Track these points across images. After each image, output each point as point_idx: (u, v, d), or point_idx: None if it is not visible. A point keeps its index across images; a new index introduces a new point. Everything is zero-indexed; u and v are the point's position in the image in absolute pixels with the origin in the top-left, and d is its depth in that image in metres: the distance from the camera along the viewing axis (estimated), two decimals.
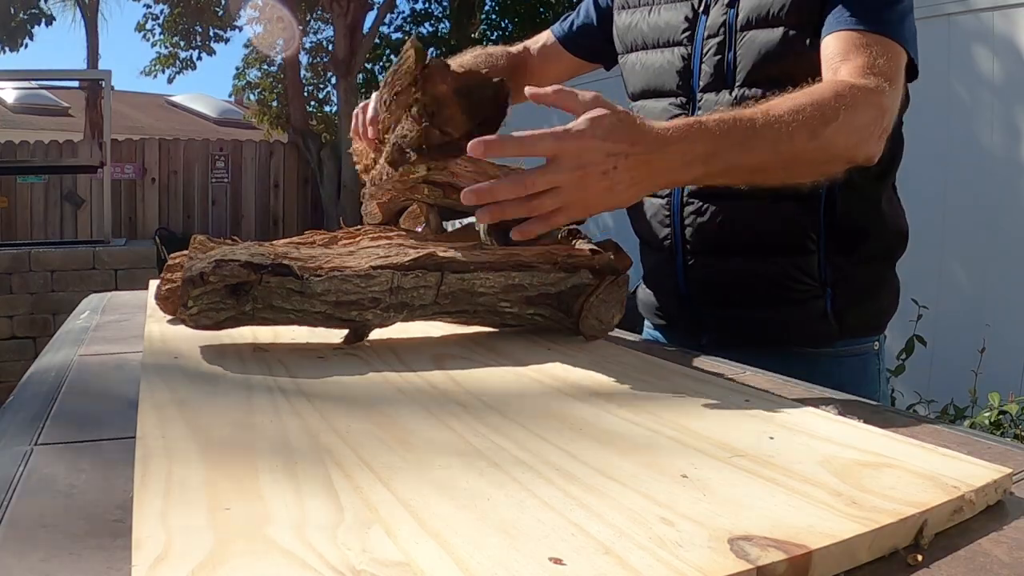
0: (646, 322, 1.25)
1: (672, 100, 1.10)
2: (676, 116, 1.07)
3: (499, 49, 1.29)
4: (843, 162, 0.90)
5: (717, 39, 1.05)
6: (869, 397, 1.08)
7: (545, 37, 1.32)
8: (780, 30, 1.00)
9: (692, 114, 1.07)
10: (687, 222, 1.09)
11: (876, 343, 1.13)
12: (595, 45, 1.27)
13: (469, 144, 0.76)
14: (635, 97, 1.17)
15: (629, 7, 1.19)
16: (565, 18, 1.32)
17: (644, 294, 1.22)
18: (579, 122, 0.75)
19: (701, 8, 1.08)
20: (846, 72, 0.91)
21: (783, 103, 0.85)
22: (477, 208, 0.79)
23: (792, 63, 0.99)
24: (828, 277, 1.06)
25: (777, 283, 1.06)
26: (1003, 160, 3.12)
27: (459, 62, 1.19)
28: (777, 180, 0.88)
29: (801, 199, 1.02)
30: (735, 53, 1.03)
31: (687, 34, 1.08)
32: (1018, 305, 3.05)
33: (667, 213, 1.11)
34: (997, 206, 3.08)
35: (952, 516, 0.44)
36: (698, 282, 1.11)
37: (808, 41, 0.99)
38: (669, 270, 1.13)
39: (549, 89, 0.81)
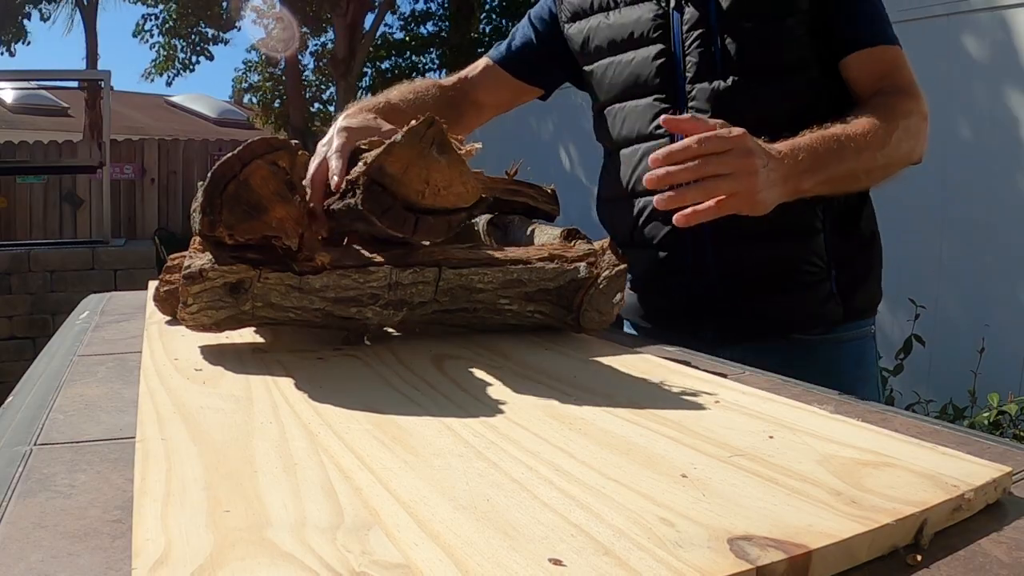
0: (626, 323, 1.25)
1: (657, 96, 1.12)
2: (663, 111, 1.11)
3: (428, 83, 1.28)
4: (905, 164, 1.04)
5: (699, 31, 1.08)
6: (865, 381, 1.13)
7: (483, 63, 1.31)
8: (766, 19, 1.04)
9: (681, 107, 1.10)
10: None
11: (872, 327, 1.17)
12: (539, 61, 1.28)
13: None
14: (613, 101, 1.19)
15: (581, 16, 1.21)
16: (499, 44, 1.32)
17: (629, 296, 1.22)
18: (732, 128, 0.87)
19: (673, 5, 1.11)
20: (900, 89, 1.05)
21: (858, 123, 0.98)
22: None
23: (778, 50, 1.03)
24: (831, 258, 1.10)
25: (790, 267, 1.10)
26: (1003, 160, 3.12)
27: (386, 98, 1.18)
28: (861, 186, 1.04)
29: None
30: (722, 43, 1.06)
31: (660, 31, 1.11)
32: (1018, 305, 3.05)
33: None
34: (997, 206, 3.08)
35: (952, 515, 0.44)
36: (720, 272, 1.12)
37: (795, 28, 1.03)
38: (679, 265, 1.14)
39: (685, 116, 0.96)
